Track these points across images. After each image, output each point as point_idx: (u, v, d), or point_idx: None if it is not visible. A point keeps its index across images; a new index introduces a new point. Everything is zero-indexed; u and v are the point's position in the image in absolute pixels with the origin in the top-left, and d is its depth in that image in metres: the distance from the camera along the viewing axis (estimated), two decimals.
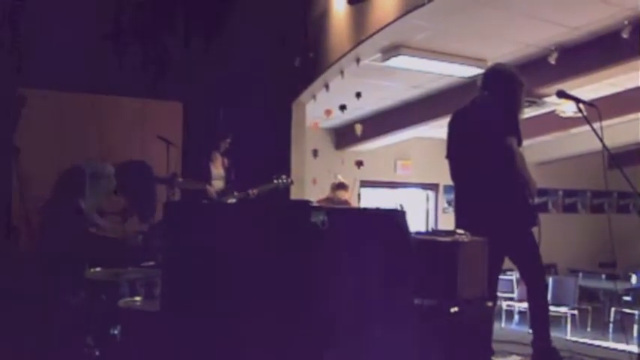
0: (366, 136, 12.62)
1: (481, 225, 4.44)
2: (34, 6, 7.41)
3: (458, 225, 4.92)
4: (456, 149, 5.21)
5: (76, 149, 7.11)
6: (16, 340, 5.12)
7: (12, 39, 7.07)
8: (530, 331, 5.08)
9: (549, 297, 12.29)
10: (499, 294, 11.97)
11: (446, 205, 14.87)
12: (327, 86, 9.09)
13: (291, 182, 8.05)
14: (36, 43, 7.31)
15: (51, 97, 7.70)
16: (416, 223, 13.63)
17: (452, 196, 5.55)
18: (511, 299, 12.72)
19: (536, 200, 5.21)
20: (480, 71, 5.48)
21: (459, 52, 8.36)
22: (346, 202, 9.74)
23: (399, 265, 3.23)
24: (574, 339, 9.43)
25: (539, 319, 5.10)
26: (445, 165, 5.37)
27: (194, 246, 4.27)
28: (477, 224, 4.50)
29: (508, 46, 8.08)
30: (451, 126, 5.35)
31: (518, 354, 5.22)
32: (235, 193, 7.43)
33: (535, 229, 5.04)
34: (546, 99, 9.61)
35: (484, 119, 4.99)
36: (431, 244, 3.47)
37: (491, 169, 4.90)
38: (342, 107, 10.35)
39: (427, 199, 15.31)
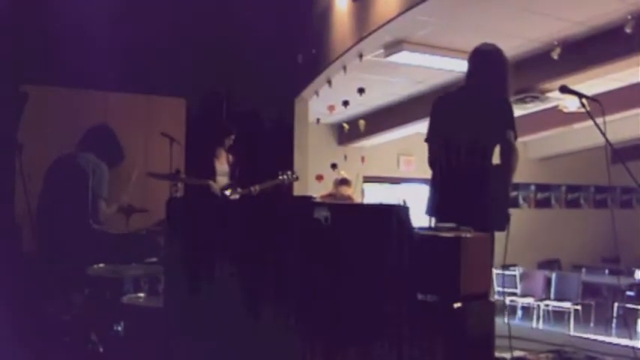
0: (369, 131, 12.62)
1: (451, 216, 4.31)
2: (38, 2, 7.42)
3: (427, 211, 4.83)
4: (440, 136, 4.94)
5: None
6: (20, 337, 5.12)
7: (15, 35, 7.07)
8: None
9: (553, 292, 12.37)
10: (503, 289, 12.03)
11: None
12: (329, 82, 9.09)
13: (297, 178, 8.03)
14: (39, 38, 7.31)
15: (54, 93, 7.71)
16: (419, 219, 13.61)
17: None
18: (514, 294, 12.74)
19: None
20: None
21: (461, 47, 8.32)
22: (349, 197, 9.73)
23: (402, 260, 3.23)
24: (577, 334, 9.43)
25: None
26: None
27: (197, 242, 4.28)
28: (447, 215, 4.39)
29: (511, 41, 8.06)
30: (436, 110, 5.09)
31: (521, 349, 5.22)
32: (239, 190, 7.43)
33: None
34: (549, 94, 9.59)
35: (475, 108, 4.81)
36: (434, 239, 3.45)
37: (476, 162, 4.76)
38: (345, 103, 10.37)
39: None
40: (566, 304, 12.03)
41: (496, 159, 4.87)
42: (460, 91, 5.08)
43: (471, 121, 4.77)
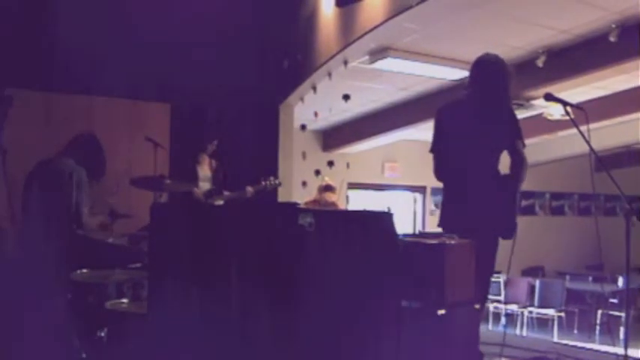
0: (354, 138, 12.62)
1: (463, 225, 4.33)
2: (31, 6, 7.38)
3: (440, 223, 4.83)
4: (447, 145, 4.89)
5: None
6: (2, 342, 5.08)
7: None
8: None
9: (536, 299, 12.40)
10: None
11: (433, 207, 14.88)
12: (314, 88, 9.08)
13: (279, 184, 8.04)
14: (27, 43, 7.28)
15: (38, 97, 7.67)
16: (403, 226, 13.65)
17: (439, 198, 5.37)
18: (498, 301, 12.76)
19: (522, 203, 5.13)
20: (468, 74, 5.26)
21: (446, 54, 8.37)
22: (333, 204, 9.72)
23: (386, 267, 3.22)
24: (561, 341, 9.45)
25: None
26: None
27: (181, 248, 4.25)
28: (459, 224, 4.41)
29: (496, 49, 7.95)
30: (441, 119, 5.04)
31: (505, 356, 5.22)
32: (225, 194, 7.42)
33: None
34: (534, 102, 9.63)
35: (483, 117, 4.79)
36: (418, 246, 3.46)
37: (485, 171, 4.78)
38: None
39: (414, 202, 15.33)
40: (550, 311, 12.07)
41: (503, 168, 4.90)
42: (466, 100, 5.01)
43: (479, 129, 4.75)
